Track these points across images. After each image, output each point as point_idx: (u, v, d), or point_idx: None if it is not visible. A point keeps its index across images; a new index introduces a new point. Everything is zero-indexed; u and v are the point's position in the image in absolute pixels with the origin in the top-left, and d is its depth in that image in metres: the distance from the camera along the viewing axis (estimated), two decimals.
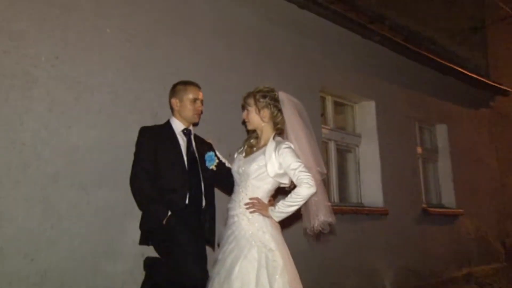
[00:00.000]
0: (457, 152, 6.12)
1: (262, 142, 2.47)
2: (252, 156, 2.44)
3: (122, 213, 2.81)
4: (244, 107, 2.51)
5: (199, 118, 2.71)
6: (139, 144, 2.55)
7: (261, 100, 2.45)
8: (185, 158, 2.58)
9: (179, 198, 2.49)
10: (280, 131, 2.49)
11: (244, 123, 2.57)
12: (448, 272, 5.43)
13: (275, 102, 2.45)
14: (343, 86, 4.73)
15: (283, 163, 2.34)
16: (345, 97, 4.97)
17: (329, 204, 2.44)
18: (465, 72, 6.08)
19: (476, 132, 6.67)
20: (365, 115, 5.02)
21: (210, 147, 2.76)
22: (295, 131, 2.45)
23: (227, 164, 2.74)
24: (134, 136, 2.67)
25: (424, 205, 5.46)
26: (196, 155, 2.64)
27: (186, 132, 2.66)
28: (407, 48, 5.14)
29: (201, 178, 2.61)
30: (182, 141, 2.63)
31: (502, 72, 7.27)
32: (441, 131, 6.12)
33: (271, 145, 2.41)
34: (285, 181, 2.41)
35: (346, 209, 4.39)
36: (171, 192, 2.48)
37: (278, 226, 2.41)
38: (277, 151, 2.36)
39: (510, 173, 7.19)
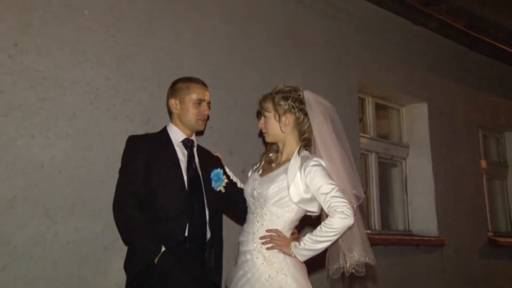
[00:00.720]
0: None
1: (284, 157, 2.44)
2: (271, 175, 2.40)
3: (102, 247, 2.68)
4: (260, 113, 2.49)
5: (205, 124, 2.67)
6: (126, 159, 2.48)
7: (282, 103, 2.41)
8: (185, 177, 2.51)
9: (176, 230, 2.42)
10: (307, 143, 2.46)
11: (261, 134, 2.54)
12: None
13: (300, 105, 2.42)
14: (387, 84, 4.67)
15: (311, 186, 2.29)
16: (390, 98, 4.93)
17: (366, 236, 2.40)
18: None
19: None
20: (415, 120, 4.97)
21: (218, 163, 2.72)
22: (325, 143, 2.41)
23: (240, 184, 2.74)
24: (120, 149, 2.55)
25: (490, 234, 5.34)
26: (200, 173, 2.58)
27: (188, 143, 2.62)
28: (469, 36, 5.10)
29: (206, 203, 2.54)
30: (182, 154, 2.57)
31: None
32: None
33: (295, 161, 2.36)
34: (312, 209, 2.37)
35: (390, 238, 4.33)
36: (166, 221, 2.41)
37: (303, 267, 2.34)
38: (303, 169, 2.31)
39: None
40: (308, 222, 2.48)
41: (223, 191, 2.57)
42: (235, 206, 2.61)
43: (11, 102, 2.49)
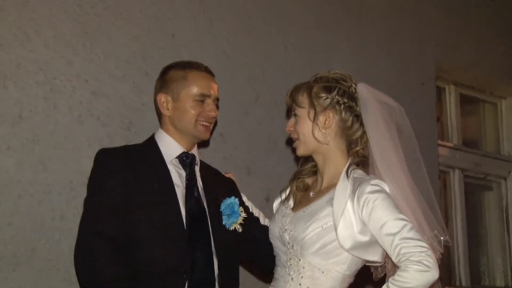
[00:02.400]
0: None
1: (327, 181, 2.44)
2: (310, 209, 2.39)
3: None
4: (290, 111, 2.53)
5: (211, 131, 2.69)
6: (94, 184, 2.49)
7: (323, 95, 2.41)
8: (182, 211, 2.51)
9: (171, 287, 2.44)
10: (361, 159, 2.46)
11: (291, 142, 2.57)
12: None
13: (350, 101, 2.42)
14: (478, 68, 4.68)
15: (370, 222, 2.27)
16: (483, 88, 4.93)
17: None
18: None
19: None
20: None
21: (231, 188, 2.75)
22: (387, 160, 2.40)
23: (263, 220, 2.78)
24: (87, 168, 2.56)
25: None
26: (205, 204, 2.60)
27: (186, 160, 2.63)
28: None
29: (214, 250, 2.55)
30: (177, 177, 2.58)
31: None
32: None
33: (343, 185, 2.35)
34: (373, 257, 2.35)
35: None
36: (155, 278, 2.42)
37: None
38: (356, 198, 2.29)
39: None
40: (366, 278, 2.44)
41: (240, 230, 2.57)
42: (258, 253, 2.65)
43: None
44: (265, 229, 2.59)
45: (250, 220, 2.66)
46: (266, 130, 3.40)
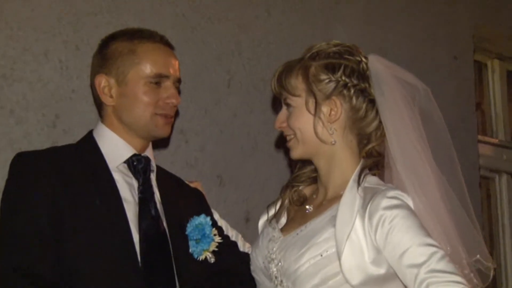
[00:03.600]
0: None
1: (331, 191, 2.46)
2: (304, 229, 2.40)
3: None
4: (279, 99, 2.56)
5: (171, 125, 2.72)
6: (11, 201, 2.48)
7: (325, 77, 2.40)
8: (135, 236, 2.51)
9: None
10: (376, 159, 2.48)
11: (281, 141, 2.80)
12: None
13: (361, 82, 2.43)
14: None
15: (387, 248, 2.27)
16: None
17: None
18: None
19: None
20: None
21: (198, 202, 2.80)
22: (412, 160, 2.42)
23: (242, 245, 2.87)
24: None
25: None
26: (165, 224, 2.63)
27: (138, 165, 2.65)
28: None
29: (177, 286, 2.56)
30: (126, 188, 2.58)
31: None
32: None
33: (351, 197, 2.35)
34: None
35: None
36: None
37: None
38: (367, 215, 2.29)
39: None
40: None
41: (212, 260, 2.59)
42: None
43: None
44: (245, 258, 2.62)
45: (225, 246, 2.66)
46: (245, 126, 3.46)
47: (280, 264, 2.37)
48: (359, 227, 2.28)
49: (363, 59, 2.44)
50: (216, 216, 2.81)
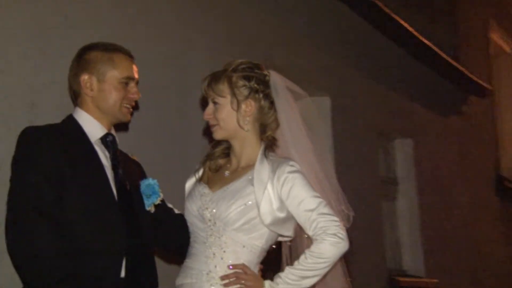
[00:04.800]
0: (424, 184, 7.56)
1: (242, 162, 2.84)
2: (230, 188, 2.78)
3: None
4: (208, 98, 2.87)
5: (132, 113, 3.00)
6: (24, 162, 2.70)
7: (242, 83, 2.80)
8: (114, 191, 2.81)
9: (109, 269, 2.70)
10: (271, 142, 2.86)
11: (208, 129, 2.93)
12: None
13: (266, 89, 2.83)
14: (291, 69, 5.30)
15: (288, 200, 2.70)
16: None
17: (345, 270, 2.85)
18: (440, 53, 7.71)
19: (445, 153, 8.35)
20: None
21: (142, 171, 3.06)
22: (300, 142, 2.84)
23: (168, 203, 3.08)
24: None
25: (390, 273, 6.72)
26: (127, 185, 2.89)
27: (110, 141, 2.91)
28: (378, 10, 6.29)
29: (140, 230, 2.87)
30: (104, 157, 2.86)
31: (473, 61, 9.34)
32: (405, 150, 7.49)
33: (262, 167, 2.75)
34: (287, 232, 2.79)
35: None
36: (93, 257, 2.67)
37: None
38: (276, 178, 2.71)
39: (482, 221, 9.18)
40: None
41: (152, 210, 2.91)
42: (172, 234, 3.00)
43: None
44: (171, 211, 3.01)
45: (164, 203, 2.99)
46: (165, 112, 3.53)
47: (214, 211, 2.71)
48: (270, 186, 2.69)
49: (267, 73, 2.84)
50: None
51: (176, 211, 3.08)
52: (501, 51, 11.35)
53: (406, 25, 6.94)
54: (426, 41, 7.39)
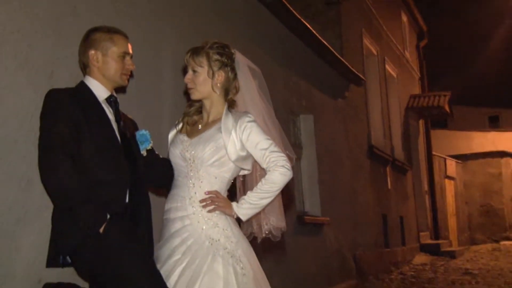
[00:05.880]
0: (321, 149, 7.82)
1: (212, 117, 2.87)
2: (204, 135, 2.81)
3: (15, 220, 2.95)
4: (188, 67, 2.87)
5: (129, 80, 3.02)
6: (53, 116, 2.69)
7: (216, 58, 2.82)
8: (119, 138, 2.83)
9: (116, 196, 2.73)
10: (231, 103, 2.89)
11: (186, 91, 2.96)
12: None
13: (232, 63, 2.87)
14: None
15: (247, 142, 2.75)
16: None
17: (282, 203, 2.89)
18: (332, 50, 7.95)
19: (335, 127, 8.68)
20: None
21: (135, 125, 3.07)
22: (255, 103, 2.88)
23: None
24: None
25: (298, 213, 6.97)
26: (128, 134, 2.92)
27: (113, 101, 2.91)
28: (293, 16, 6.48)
29: (138, 168, 2.88)
30: (109, 113, 2.87)
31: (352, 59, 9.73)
32: (307, 124, 7.68)
33: (227, 119, 2.79)
34: (247, 166, 2.84)
35: None
36: (105, 186, 2.70)
37: (239, 227, 2.82)
38: (238, 126, 2.76)
39: (358, 178, 9.69)
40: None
41: (145, 154, 2.95)
42: (159, 171, 3.00)
43: None
44: (157, 156, 3.03)
45: (153, 149, 3.05)
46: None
47: (192, 152, 2.78)
48: (233, 132, 2.75)
49: (232, 51, 2.88)
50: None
51: (162, 157, 3.09)
52: (370, 53, 11.77)
53: (311, 28, 7.21)
54: (324, 42, 7.70)
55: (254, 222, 2.86)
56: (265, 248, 5.45)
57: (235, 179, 2.91)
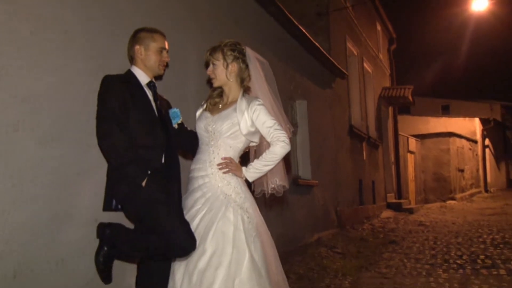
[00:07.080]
0: (312, 128, 7.81)
1: (230, 99, 2.80)
2: (223, 113, 2.75)
3: (76, 173, 2.95)
4: (209, 63, 2.81)
5: (164, 70, 2.97)
6: (107, 94, 2.67)
7: (230, 53, 2.75)
8: (156, 114, 2.81)
9: (155, 157, 2.71)
10: (246, 89, 2.81)
11: (209, 81, 2.88)
12: (306, 238, 7.08)
13: (244, 57, 2.78)
14: None
15: (256, 121, 2.68)
16: None
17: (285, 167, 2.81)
18: (322, 50, 7.91)
19: (324, 111, 8.67)
20: None
21: (169, 105, 3.02)
22: (263, 89, 2.79)
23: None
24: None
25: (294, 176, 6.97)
26: (163, 111, 2.88)
27: (152, 85, 2.87)
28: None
29: (170, 137, 2.86)
30: (149, 94, 2.84)
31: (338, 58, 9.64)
32: (302, 107, 7.66)
33: (241, 102, 2.72)
34: (256, 140, 2.78)
35: None
36: (146, 149, 2.68)
37: (247, 186, 2.78)
38: (250, 108, 2.69)
39: (341, 151, 9.64)
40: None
41: (176, 127, 2.89)
42: (187, 141, 2.96)
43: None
44: (186, 129, 2.96)
45: (181, 124, 2.98)
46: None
47: (214, 126, 2.74)
48: (246, 113, 2.70)
49: (244, 48, 2.80)
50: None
51: (189, 129, 3.04)
52: (352, 54, 11.53)
53: (306, 33, 7.15)
54: (317, 44, 7.62)
55: (264, 183, 2.81)
56: (271, 203, 5.60)
57: (248, 150, 2.85)
